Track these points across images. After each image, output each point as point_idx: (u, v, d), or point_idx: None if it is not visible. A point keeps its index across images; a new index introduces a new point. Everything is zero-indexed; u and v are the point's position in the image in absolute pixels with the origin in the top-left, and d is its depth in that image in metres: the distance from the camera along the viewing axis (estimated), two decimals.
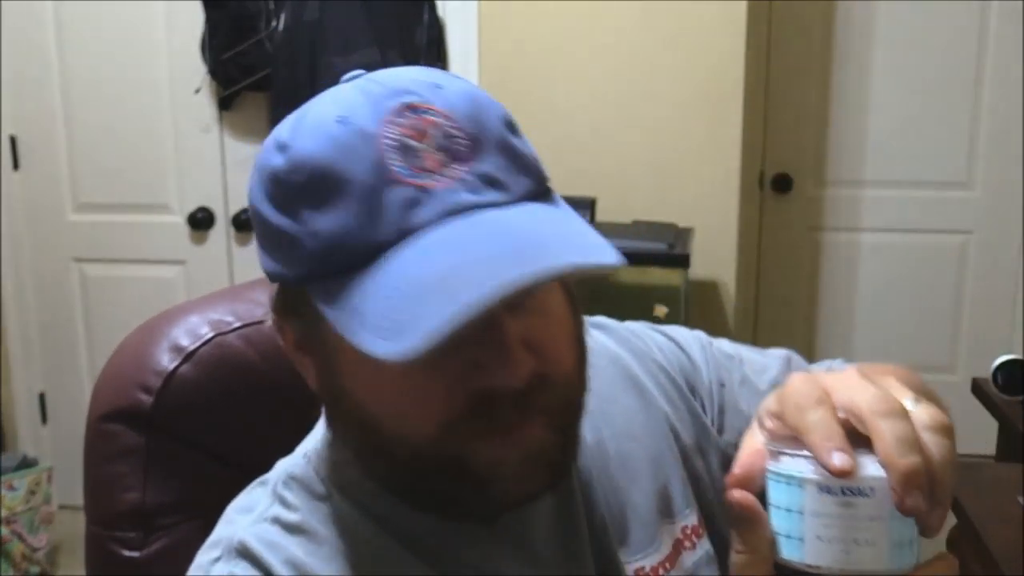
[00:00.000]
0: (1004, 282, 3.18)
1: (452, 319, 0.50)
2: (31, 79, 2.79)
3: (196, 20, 2.60)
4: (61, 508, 2.98)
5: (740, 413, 0.81)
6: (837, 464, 0.46)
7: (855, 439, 0.47)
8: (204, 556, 0.67)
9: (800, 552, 0.48)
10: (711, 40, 2.43)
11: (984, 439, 2.63)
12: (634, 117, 2.56)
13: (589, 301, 0.69)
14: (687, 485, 0.77)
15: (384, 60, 2.38)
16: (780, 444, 0.50)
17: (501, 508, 0.63)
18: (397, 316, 0.52)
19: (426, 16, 2.48)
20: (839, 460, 0.46)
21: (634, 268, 2.29)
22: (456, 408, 0.58)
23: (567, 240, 0.57)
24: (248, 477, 0.87)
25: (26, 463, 2.72)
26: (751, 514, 0.50)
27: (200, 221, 2.79)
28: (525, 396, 0.58)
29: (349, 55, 2.36)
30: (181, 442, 0.85)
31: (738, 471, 0.52)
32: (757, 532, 0.50)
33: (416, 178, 0.55)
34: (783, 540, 0.49)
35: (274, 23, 2.45)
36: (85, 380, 2.96)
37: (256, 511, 0.68)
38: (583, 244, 0.57)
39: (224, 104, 2.69)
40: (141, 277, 2.87)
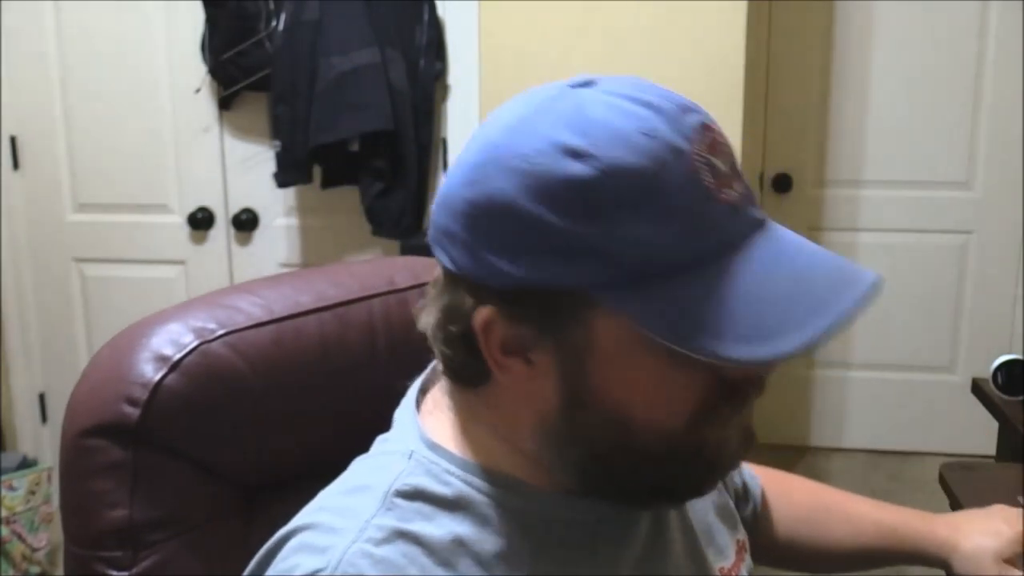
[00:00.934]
0: (1004, 282, 3.18)
1: (828, 328, 0.58)
2: (31, 79, 2.79)
3: (196, 20, 2.60)
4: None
5: None
6: None
7: None
8: (300, 559, 0.64)
9: None
10: (711, 40, 2.43)
11: (984, 439, 2.62)
12: None
13: None
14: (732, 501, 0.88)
15: (384, 60, 2.38)
16: None
17: (709, 488, 0.71)
18: (764, 322, 0.59)
19: (426, 16, 2.48)
20: None
21: None
22: (710, 397, 0.63)
23: (842, 261, 0.64)
24: (238, 488, 0.86)
25: (26, 463, 2.72)
26: None
27: (200, 221, 2.79)
28: (764, 381, 0.65)
29: (349, 55, 2.36)
30: (169, 455, 0.83)
31: None
32: None
33: (723, 193, 0.61)
34: None
35: (274, 23, 2.45)
36: None
37: (364, 520, 0.65)
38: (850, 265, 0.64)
39: (224, 104, 2.69)
40: (141, 277, 2.87)
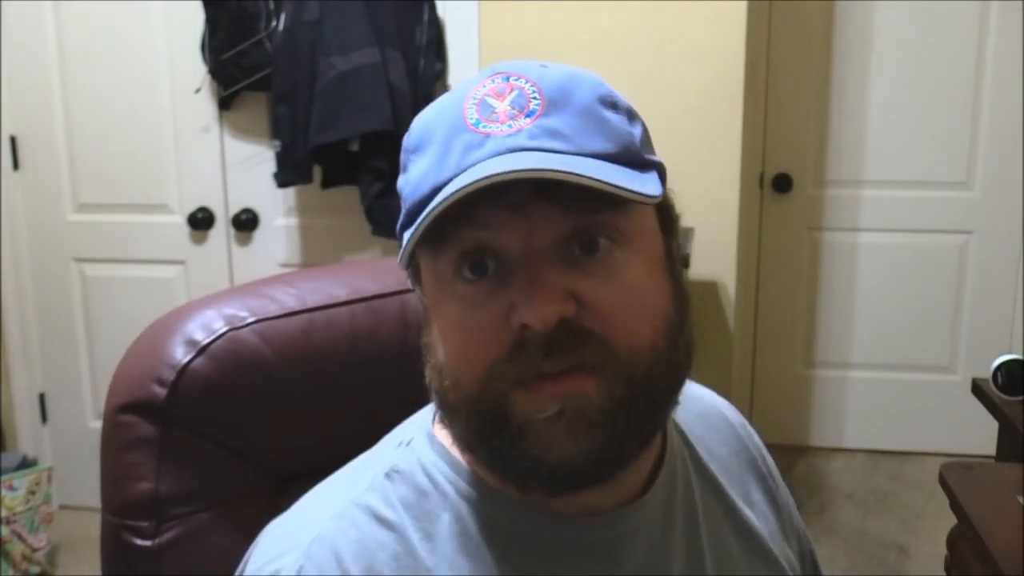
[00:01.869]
0: (1004, 282, 3.18)
1: (415, 226, 0.59)
2: (31, 79, 2.79)
3: (196, 20, 2.60)
4: (61, 508, 2.98)
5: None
6: None
7: None
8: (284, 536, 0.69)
9: None
10: (711, 40, 2.43)
11: (984, 439, 2.63)
12: None
13: None
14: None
15: (384, 60, 2.38)
16: None
17: (542, 469, 0.60)
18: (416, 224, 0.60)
19: (426, 16, 2.48)
20: None
21: None
22: (498, 349, 0.60)
23: (583, 168, 0.58)
24: (263, 472, 0.89)
25: (26, 463, 2.72)
26: None
27: (200, 221, 2.78)
28: (556, 342, 0.58)
29: (349, 55, 2.36)
30: (194, 434, 0.86)
31: None
32: None
33: (483, 127, 0.61)
34: None
35: (274, 23, 2.45)
36: (85, 380, 2.96)
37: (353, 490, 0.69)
38: (598, 173, 0.58)
39: (224, 104, 2.69)
40: (141, 277, 2.87)
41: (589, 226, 0.61)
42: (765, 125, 3.22)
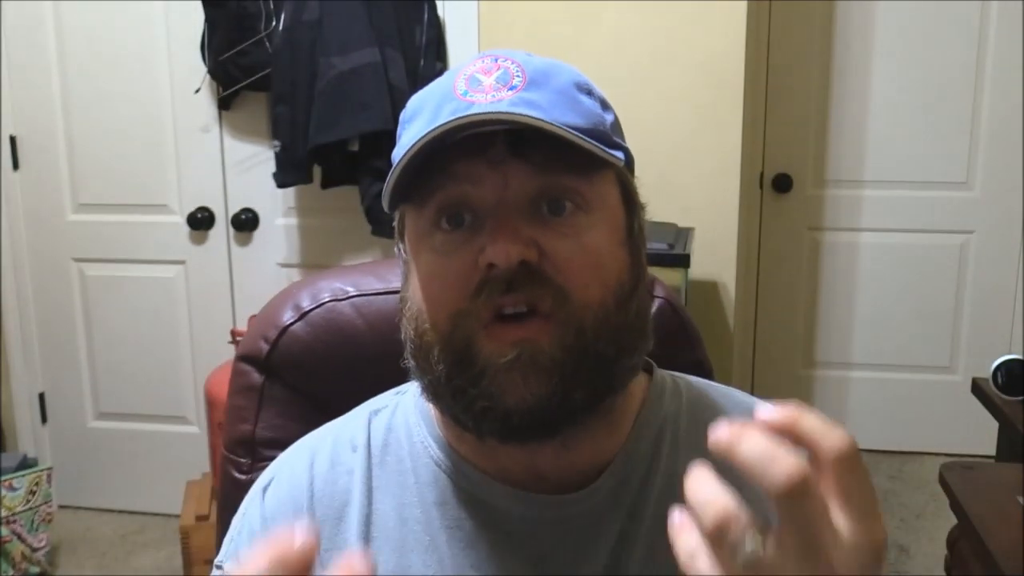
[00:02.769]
0: (1004, 282, 3.18)
1: (398, 168, 0.66)
2: (31, 79, 2.79)
3: (196, 20, 2.59)
4: (61, 508, 2.99)
5: None
6: None
7: None
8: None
9: None
10: (711, 40, 2.43)
11: (984, 439, 2.63)
12: (634, 117, 2.54)
13: None
14: None
15: (384, 60, 2.38)
16: None
17: (496, 410, 0.66)
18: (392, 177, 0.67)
19: (426, 16, 2.48)
20: None
21: None
22: (467, 289, 0.66)
23: (555, 128, 0.64)
24: None
25: (26, 463, 2.72)
26: None
27: (200, 221, 2.78)
28: (516, 281, 0.64)
29: (349, 55, 2.36)
30: (289, 387, 0.98)
31: None
32: None
33: (469, 96, 0.67)
34: None
35: (274, 23, 2.45)
36: (85, 380, 2.96)
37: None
38: (568, 135, 0.64)
39: (224, 104, 2.69)
40: (141, 277, 2.87)
41: (557, 188, 0.67)
42: (765, 125, 3.22)
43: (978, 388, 2.00)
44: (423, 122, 0.68)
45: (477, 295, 0.65)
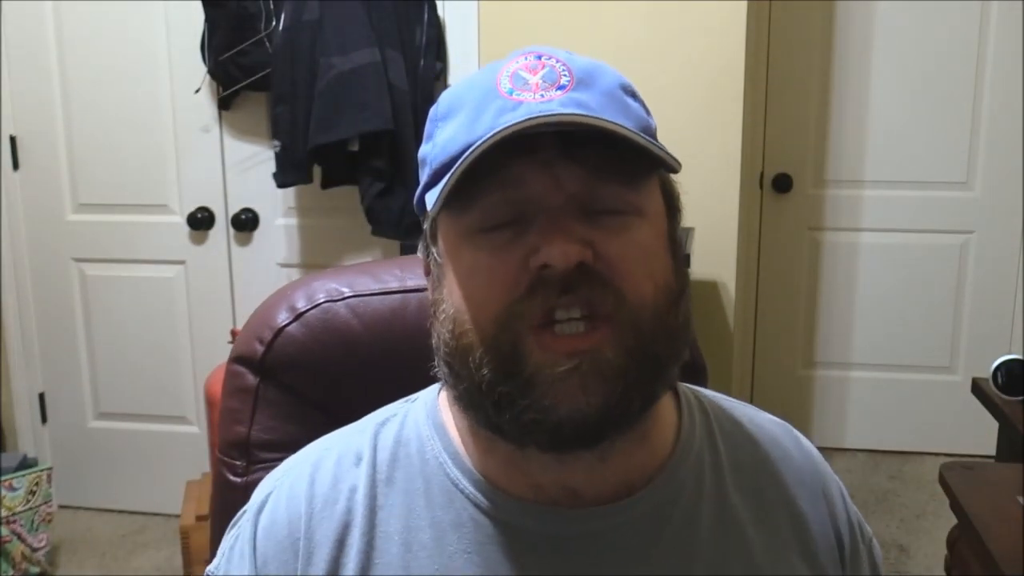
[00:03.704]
0: (1004, 282, 3.18)
1: (457, 165, 0.62)
2: (31, 79, 2.79)
3: (196, 20, 2.59)
4: (61, 508, 2.99)
5: None
6: None
7: None
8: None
9: None
10: (711, 40, 2.43)
11: (984, 439, 2.62)
12: None
13: None
14: None
15: (384, 60, 2.38)
16: None
17: (548, 421, 0.62)
18: (447, 180, 0.64)
19: (426, 16, 2.48)
20: None
21: None
22: (517, 289, 0.63)
23: (614, 127, 0.63)
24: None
25: (26, 463, 2.72)
26: None
27: (200, 221, 2.78)
28: (573, 283, 0.62)
29: (349, 55, 2.36)
30: (285, 389, 0.97)
31: None
32: None
33: (516, 95, 0.65)
34: None
35: (274, 23, 2.45)
36: (85, 380, 2.96)
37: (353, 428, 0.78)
38: (628, 134, 0.63)
39: (224, 104, 2.69)
40: (141, 277, 2.87)
41: (607, 189, 0.65)
42: (765, 125, 3.22)
43: (978, 388, 2.00)
44: (465, 121, 0.65)
45: (529, 297, 0.62)
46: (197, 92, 2.66)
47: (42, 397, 3.01)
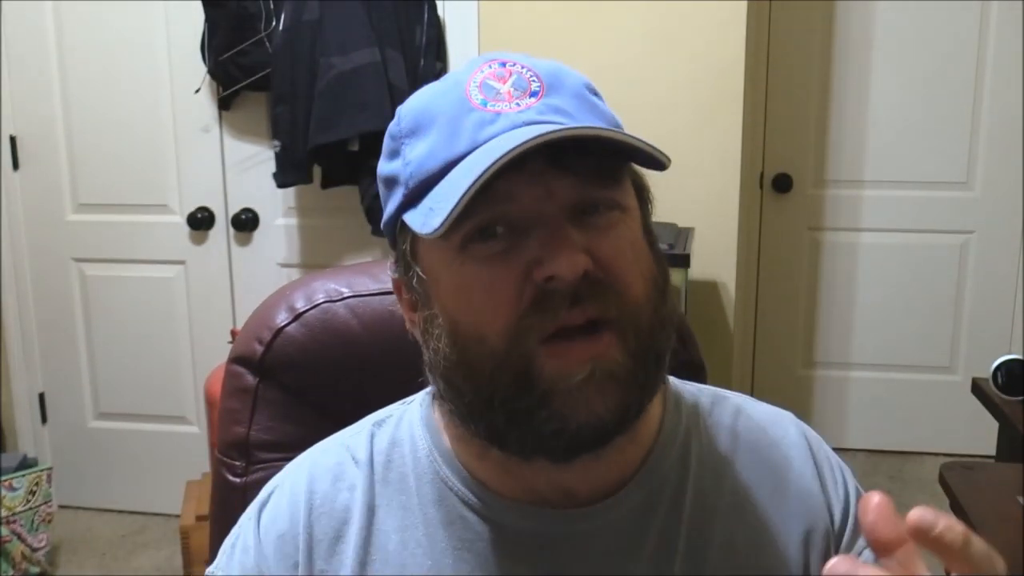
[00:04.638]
0: (1004, 282, 3.18)
1: (465, 191, 0.59)
2: (31, 79, 2.79)
3: (196, 20, 2.59)
4: (61, 508, 2.99)
5: None
6: None
7: None
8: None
9: None
10: (711, 41, 2.43)
11: (984, 439, 2.62)
12: (634, 117, 2.55)
13: None
14: None
15: (384, 60, 2.38)
16: None
17: (567, 431, 0.63)
18: (440, 200, 0.62)
19: (426, 16, 2.48)
20: None
21: None
22: (522, 302, 0.62)
23: (603, 132, 0.63)
24: (341, 428, 0.92)
25: (26, 463, 2.72)
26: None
27: (200, 221, 2.78)
28: (581, 293, 0.62)
29: (349, 55, 2.36)
30: (284, 389, 0.97)
31: None
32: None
33: (491, 106, 0.64)
34: None
35: (274, 23, 2.45)
36: (85, 380, 2.96)
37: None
38: (622, 136, 0.63)
39: (224, 104, 2.69)
40: (141, 277, 2.87)
41: (596, 194, 0.65)
42: (765, 125, 3.22)
43: (978, 388, 2.00)
44: (440, 136, 0.65)
45: (536, 310, 0.62)
46: (197, 92, 2.66)
47: (42, 397, 3.01)
